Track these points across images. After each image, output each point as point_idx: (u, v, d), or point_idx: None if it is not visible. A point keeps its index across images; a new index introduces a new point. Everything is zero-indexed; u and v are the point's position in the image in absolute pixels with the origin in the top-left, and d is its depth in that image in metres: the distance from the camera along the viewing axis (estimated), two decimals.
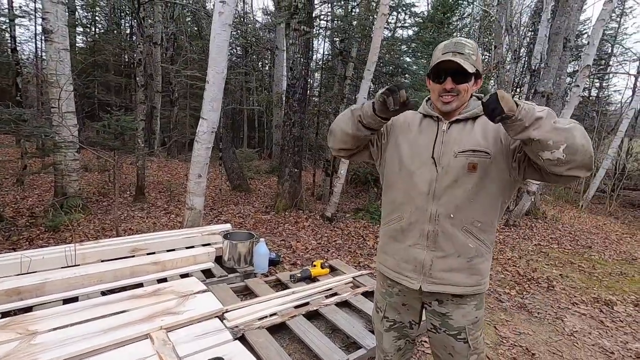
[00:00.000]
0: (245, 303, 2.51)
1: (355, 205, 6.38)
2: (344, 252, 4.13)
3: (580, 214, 8.19)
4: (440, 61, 1.14)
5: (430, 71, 1.20)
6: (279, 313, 2.45)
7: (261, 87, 14.80)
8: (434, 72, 1.18)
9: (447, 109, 1.21)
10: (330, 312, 2.56)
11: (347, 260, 3.88)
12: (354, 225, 5.09)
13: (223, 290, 2.68)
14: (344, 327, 2.38)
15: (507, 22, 7.39)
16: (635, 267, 4.67)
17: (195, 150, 3.60)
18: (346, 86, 5.84)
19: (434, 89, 1.22)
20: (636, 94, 10.51)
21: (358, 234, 4.76)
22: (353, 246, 4.33)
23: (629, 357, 2.57)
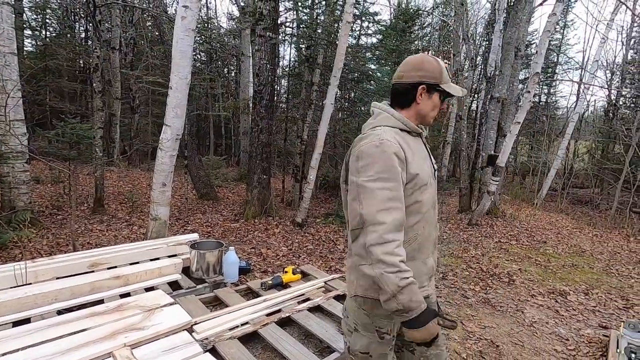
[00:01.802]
0: (215, 314, 2.44)
1: (325, 210, 6.42)
2: (315, 257, 4.13)
3: (535, 212, 8.73)
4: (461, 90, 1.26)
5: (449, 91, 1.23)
6: (250, 322, 2.40)
7: (227, 93, 14.57)
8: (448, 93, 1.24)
9: (432, 123, 1.32)
10: (303, 317, 2.54)
11: (319, 265, 3.89)
12: (324, 230, 5.12)
13: (191, 302, 2.60)
14: (317, 332, 2.38)
15: (464, 32, 7.82)
16: (584, 259, 5.04)
17: (158, 159, 3.48)
18: (313, 92, 5.90)
19: (436, 105, 1.25)
20: (580, 100, 11.44)
21: (329, 238, 4.79)
22: (324, 251, 4.34)
23: (582, 342, 2.76)
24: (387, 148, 1.10)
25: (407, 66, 1.23)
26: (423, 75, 1.20)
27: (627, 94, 13.74)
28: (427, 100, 1.23)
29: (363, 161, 1.11)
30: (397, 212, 1.08)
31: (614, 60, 14.88)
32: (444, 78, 1.21)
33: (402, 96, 1.25)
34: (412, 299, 1.04)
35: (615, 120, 13.01)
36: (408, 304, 1.03)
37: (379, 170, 1.08)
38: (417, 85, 1.21)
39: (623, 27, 14.08)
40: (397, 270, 1.03)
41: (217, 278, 3.00)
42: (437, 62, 1.22)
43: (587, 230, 7.13)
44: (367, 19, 7.97)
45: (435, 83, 1.21)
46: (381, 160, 1.09)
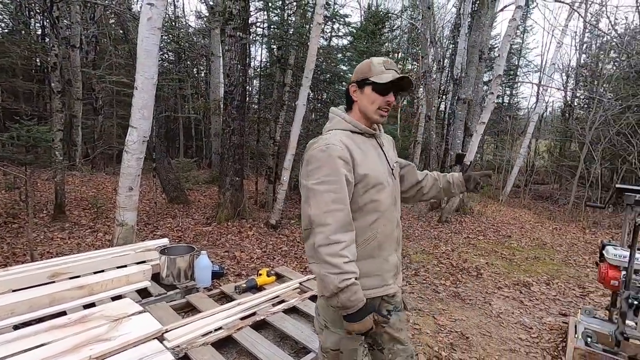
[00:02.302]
0: (188, 320, 2.37)
1: (299, 211, 6.39)
2: (290, 258, 4.11)
3: (500, 208, 9.14)
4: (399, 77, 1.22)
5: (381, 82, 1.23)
6: (224, 327, 2.36)
7: (197, 94, 14.22)
8: (386, 85, 1.23)
9: (383, 120, 1.32)
10: (278, 319, 2.53)
11: (294, 266, 3.87)
12: (299, 231, 5.10)
13: (162, 309, 2.51)
14: (292, 334, 2.37)
15: (431, 35, 8.07)
16: (545, 251, 5.33)
17: (125, 162, 3.34)
18: (285, 93, 5.88)
19: (374, 100, 1.25)
20: (539, 101, 12.11)
21: (300, 239, 4.78)
22: (299, 252, 4.33)
23: (545, 330, 2.92)
24: (332, 152, 1.15)
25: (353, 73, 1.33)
26: (355, 77, 1.29)
27: (580, 95, 14.69)
28: (360, 95, 1.28)
29: (311, 165, 1.17)
30: (341, 214, 1.13)
31: (569, 64, 15.87)
32: (373, 71, 1.24)
33: (346, 99, 1.34)
34: (351, 299, 1.11)
35: (571, 120, 13.87)
36: (346, 303, 1.11)
37: (325, 174, 1.14)
38: (350, 86, 1.30)
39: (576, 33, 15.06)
40: (339, 272, 1.09)
41: (188, 283, 2.92)
42: (367, 62, 1.28)
43: (547, 224, 7.54)
44: (338, 20, 8.04)
45: (364, 78, 1.25)
46: (327, 164, 1.15)
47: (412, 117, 15.81)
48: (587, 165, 10.34)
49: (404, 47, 16.99)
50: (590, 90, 13.49)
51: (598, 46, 14.50)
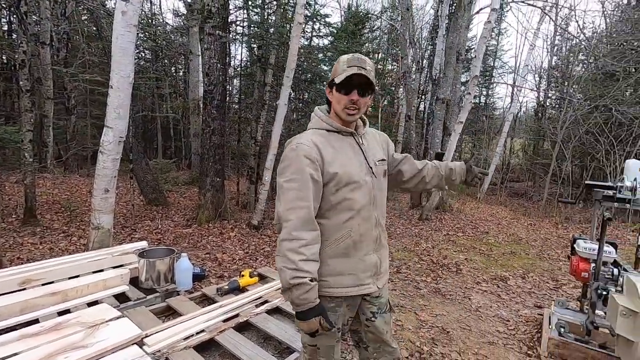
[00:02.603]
0: (168, 324, 2.32)
1: None
2: (273, 258, 4.09)
3: (478, 205, 9.40)
4: (352, 74, 1.20)
5: (338, 82, 1.23)
6: (206, 329, 2.32)
7: (175, 93, 13.92)
8: (342, 83, 1.22)
9: (352, 119, 1.29)
10: (262, 320, 2.51)
11: None
12: None
13: (141, 314, 2.45)
14: (276, 334, 2.36)
15: (410, 36, 8.20)
16: (521, 246, 5.52)
17: (100, 163, 3.23)
18: (266, 92, 5.84)
19: (340, 99, 1.25)
20: (513, 101, 12.52)
21: None
22: None
23: (521, 322, 3.02)
24: (299, 151, 1.19)
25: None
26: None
27: (552, 96, 15.28)
28: (331, 96, 1.29)
29: (283, 163, 1.22)
30: (302, 211, 1.16)
31: (541, 65, 16.46)
32: (337, 71, 1.25)
33: (326, 99, 1.36)
34: (300, 297, 1.13)
35: (544, 119, 14.40)
36: (296, 300, 1.14)
37: (292, 172, 1.19)
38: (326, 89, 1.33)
39: (547, 36, 15.64)
40: (294, 269, 1.12)
41: (169, 287, 2.86)
42: (339, 60, 1.29)
43: (523, 220, 7.81)
44: (319, 20, 8.06)
45: (332, 79, 1.27)
46: (294, 162, 1.19)
47: (393, 116, 16.03)
48: (559, 163, 10.78)
49: (384, 48, 17.19)
50: (561, 90, 14.05)
51: (568, 49, 15.11)
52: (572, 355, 2.45)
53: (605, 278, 2.42)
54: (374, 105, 15.02)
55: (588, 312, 2.46)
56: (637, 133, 8.61)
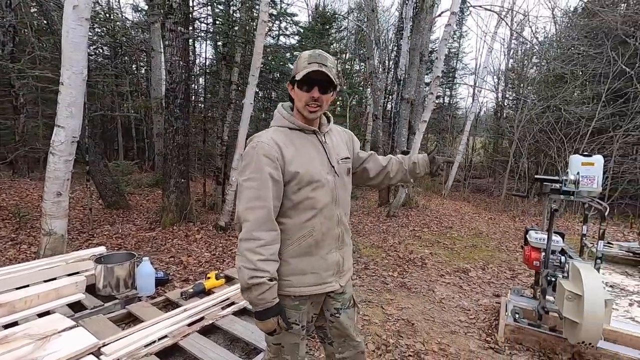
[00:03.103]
0: (128, 331, 2.22)
1: None
2: None
3: (443, 201, 9.76)
4: (312, 71, 1.19)
5: (298, 79, 1.21)
6: (169, 335, 2.25)
7: (137, 91, 13.33)
8: (303, 80, 1.21)
9: (313, 117, 1.27)
10: (228, 322, 2.47)
11: None
12: None
13: (98, 322, 2.33)
14: (243, 336, 2.33)
15: (376, 37, 8.36)
16: (481, 239, 5.79)
17: (51, 164, 3.04)
18: (232, 91, 5.73)
19: (301, 97, 1.24)
20: (474, 101, 13.11)
21: None
22: None
23: (481, 311, 3.18)
24: (259, 150, 1.18)
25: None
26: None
27: (509, 96, 16.16)
28: (294, 94, 1.28)
29: (243, 162, 1.21)
30: (260, 211, 1.15)
31: (499, 68, 17.34)
32: (298, 68, 1.23)
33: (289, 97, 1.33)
34: (258, 297, 1.13)
35: (502, 119, 15.20)
36: (254, 300, 1.14)
37: (251, 171, 1.18)
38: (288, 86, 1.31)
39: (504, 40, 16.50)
40: (252, 268, 1.12)
41: (129, 293, 2.74)
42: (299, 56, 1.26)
43: (484, 215, 8.20)
44: (285, 19, 8.03)
45: (293, 76, 1.26)
46: (253, 161, 1.18)
47: (361, 116, 16.29)
48: (516, 159, 11.41)
49: (352, 48, 17.41)
50: (517, 91, 14.90)
51: (523, 52, 16.04)
52: (526, 339, 2.60)
53: (554, 266, 2.59)
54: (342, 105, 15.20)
55: (539, 298, 2.63)
56: (584, 131, 9.29)
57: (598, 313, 2.06)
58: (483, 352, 2.50)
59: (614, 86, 9.15)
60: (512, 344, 2.59)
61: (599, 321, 2.07)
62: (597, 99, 9.36)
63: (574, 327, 2.18)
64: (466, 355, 2.45)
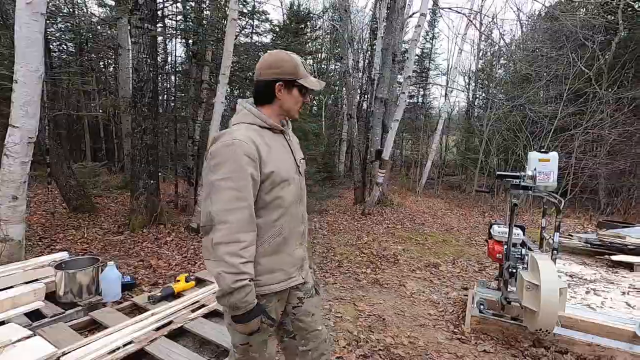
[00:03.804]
0: (91, 339, 2.14)
1: None
2: None
3: (417, 198, 9.98)
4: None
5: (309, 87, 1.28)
6: (135, 340, 2.18)
7: (105, 90, 12.82)
8: (306, 87, 1.28)
9: (297, 117, 1.37)
10: (198, 325, 2.43)
11: None
12: None
13: (59, 331, 2.23)
14: (213, 338, 2.30)
15: (349, 36, 8.43)
16: (452, 235, 5.97)
17: (5, 167, 2.87)
18: (203, 90, 5.62)
19: (297, 100, 1.29)
20: (447, 101, 13.48)
21: None
22: None
23: (449, 303, 3.28)
24: (237, 148, 1.13)
25: (263, 64, 1.26)
26: (279, 72, 1.24)
27: (479, 96, 16.72)
28: (287, 95, 1.27)
29: (215, 160, 1.14)
30: (242, 212, 1.12)
31: (470, 68, 17.90)
32: (300, 73, 1.26)
33: (261, 94, 1.28)
34: (242, 300, 1.11)
35: (473, 118, 15.71)
36: (237, 304, 1.11)
37: (229, 170, 1.12)
38: (274, 83, 1.24)
39: (474, 41, 17.03)
40: (235, 272, 1.08)
41: (93, 299, 2.64)
42: (290, 59, 1.26)
43: (455, 211, 8.45)
44: (258, 17, 7.95)
45: (292, 79, 1.25)
46: (231, 160, 1.12)
47: (337, 115, 16.38)
48: (486, 157, 11.83)
49: (327, 48, 17.47)
50: (487, 91, 15.45)
51: (491, 53, 16.64)
52: (490, 329, 2.71)
53: (515, 258, 2.71)
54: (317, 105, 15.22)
55: (502, 289, 2.75)
56: (548, 129, 9.75)
57: (553, 301, 2.17)
58: (450, 343, 2.58)
59: (574, 86, 9.66)
60: (478, 334, 2.69)
61: (554, 309, 2.18)
62: (559, 98, 9.84)
63: (533, 315, 2.29)
64: (434, 347, 2.52)
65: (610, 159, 9.58)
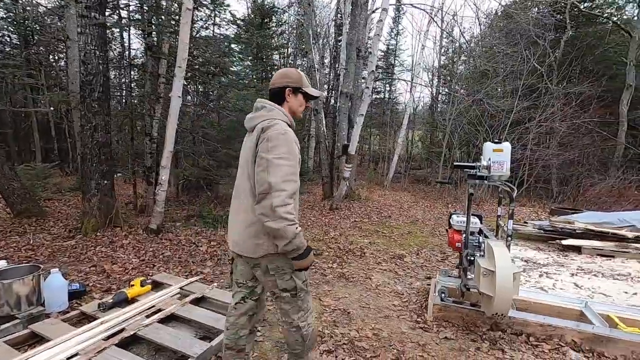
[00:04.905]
0: (29, 354, 1.97)
1: (187, 212, 5.97)
2: (173, 263, 3.79)
3: (385, 192, 10.15)
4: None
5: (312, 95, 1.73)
6: (81, 352, 2.03)
7: (56, 86, 11.95)
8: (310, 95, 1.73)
9: (301, 116, 1.79)
10: (153, 331, 2.29)
11: (177, 271, 3.59)
12: (185, 233, 4.75)
13: None
14: (169, 344, 2.18)
15: (314, 31, 8.36)
16: (417, 226, 6.11)
17: None
18: (160, 85, 5.34)
19: (302, 103, 1.72)
20: (412, 96, 13.78)
21: (190, 241, 4.47)
22: (184, 255, 4.03)
23: (413, 293, 3.33)
24: (289, 137, 1.52)
25: (277, 75, 1.70)
26: (288, 81, 1.67)
27: (442, 91, 17.24)
28: (294, 99, 1.69)
29: (272, 143, 1.47)
30: (294, 184, 1.49)
31: (433, 64, 18.41)
32: (304, 83, 1.69)
33: (276, 97, 1.68)
34: (301, 241, 1.50)
35: (436, 112, 16.17)
36: (299, 244, 1.48)
37: (284, 152, 1.47)
38: (284, 89, 1.66)
39: (436, 38, 17.52)
40: (294, 224, 1.45)
41: (34, 310, 2.42)
42: (297, 72, 1.70)
43: (421, 203, 8.67)
44: (220, 10, 7.69)
45: (298, 86, 1.67)
46: (286, 144, 1.49)
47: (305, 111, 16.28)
48: (450, 150, 12.23)
49: (293, 42, 17.29)
50: (449, 87, 15.96)
51: (453, 50, 17.18)
52: (451, 316, 2.78)
53: (473, 246, 2.78)
54: None
55: (462, 277, 2.82)
56: (505, 123, 10.22)
57: (508, 287, 2.25)
58: (413, 332, 2.62)
59: (528, 82, 10.17)
60: (440, 321, 2.75)
61: (509, 294, 2.26)
62: (515, 93, 10.33)
63: (489, 300, 2.36)
64: (398, 337, 2.54)
65: (561, 150, 10.21)
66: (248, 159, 1.56)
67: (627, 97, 10.44)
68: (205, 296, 2.79)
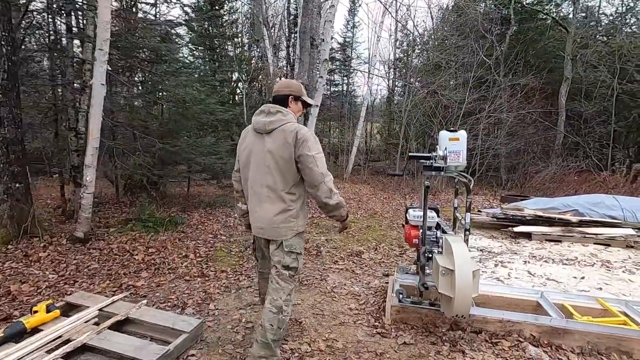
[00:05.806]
0: None
1: (126, 216, 5.35)
2: (100, 277, 3.28)
3: (344, 185, 9.99)
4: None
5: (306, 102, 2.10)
6: None
7: None
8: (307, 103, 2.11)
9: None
10: None
11: (105, 286, 3.10)
12: (119, 240, 4.19)
13: None
14: None
15: (264, 18, 7.91)
16: (376, 219, 5.97)
17: None
18: (86, 72, 4.66)
19: (300, 109, 2.08)
20: (369, 89, 13.73)
21: (124, 249, 3.93)
22: (115, 267, 3.51)
23: (371, 294, 3.13)
24: (315, 136, 1.91)
25: (282, 85, 2.05)
26: (291, 90, 2.01)
27: (398, 84, 17.43)
28: (295, 105, 2.03)
29: (310, 142, 1.83)
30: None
31: (389, 57, 18.53)
32: (303, 93, 2.06)
33: (280, 103, 1.96)
34: (346, 208, 2.02)
35: (393, 105, 16.33)
36: (346, 211, 2.04)
37: (318, 148, 1.86)
38: (288, 96, 1.99)
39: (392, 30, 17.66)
40: (340, 196, 1.95)
41: None
42: (298, 84, 2.06)
43: (380, 195, 8.61)
44: None
45: (299, 95, 2.03)
46: (316, 141, 1.88)
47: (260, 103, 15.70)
48: (407, 141, 12.35)
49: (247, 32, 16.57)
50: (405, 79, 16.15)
51: (408, 43, 17.39)
52: (410, 317, 2.59)
53: (430, 241, 2.61)
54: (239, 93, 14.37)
55: (420, 275, 2.64)
56: (458, 114, 10.46)
57: (467, 286, 2.08)
58: (371, 340, 2.40)
59: (478, 74, 10.46)
60: (399, 324, 2.56)
61: (469, 294, 2.09)
62: (466, 85, 10.60)
63: (449, 301, 2.19)
64: (353, 347, 2.31)
65: (508, 139, 10.66)
66: (273, 157, 1.84)
67: (565, 88, 11.12)
68: (130, 318, 2.36)
